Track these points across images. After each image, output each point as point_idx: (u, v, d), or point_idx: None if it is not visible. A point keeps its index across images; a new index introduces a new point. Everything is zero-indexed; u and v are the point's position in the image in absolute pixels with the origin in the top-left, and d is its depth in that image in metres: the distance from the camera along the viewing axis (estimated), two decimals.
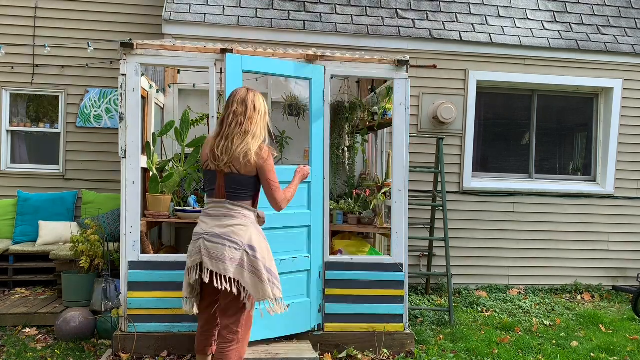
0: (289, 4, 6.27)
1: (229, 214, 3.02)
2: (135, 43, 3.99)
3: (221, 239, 2.96)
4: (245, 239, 2.99)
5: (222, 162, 2.99)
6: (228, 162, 2.99)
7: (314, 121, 4.21)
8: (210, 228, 2.99)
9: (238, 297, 3.00)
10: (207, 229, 3.00)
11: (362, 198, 5.45)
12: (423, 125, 6.39)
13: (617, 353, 4.47)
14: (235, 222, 3.00)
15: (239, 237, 2.97)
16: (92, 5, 6.70)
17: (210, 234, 2.98)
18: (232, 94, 3.09)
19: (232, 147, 2.97)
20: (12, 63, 6.56)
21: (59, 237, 6.02)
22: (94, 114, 6.69)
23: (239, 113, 2.99)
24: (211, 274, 2.94)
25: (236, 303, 3.02)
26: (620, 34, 6.77)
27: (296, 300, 4.16)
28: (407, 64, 4.32)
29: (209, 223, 3.02)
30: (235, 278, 2.95)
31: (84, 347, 4.28)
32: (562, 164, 7.02)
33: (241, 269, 2.97)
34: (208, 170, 3.08)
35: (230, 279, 2.94)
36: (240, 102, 3.02)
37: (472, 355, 4.34)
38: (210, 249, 2.96)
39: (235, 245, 2.96)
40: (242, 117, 2.99)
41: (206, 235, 2.99)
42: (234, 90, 3.12)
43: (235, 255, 2.95)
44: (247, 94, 3.05)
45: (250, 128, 3.00)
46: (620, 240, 6.74)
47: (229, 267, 2.93)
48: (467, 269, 6.46)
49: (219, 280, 2.93)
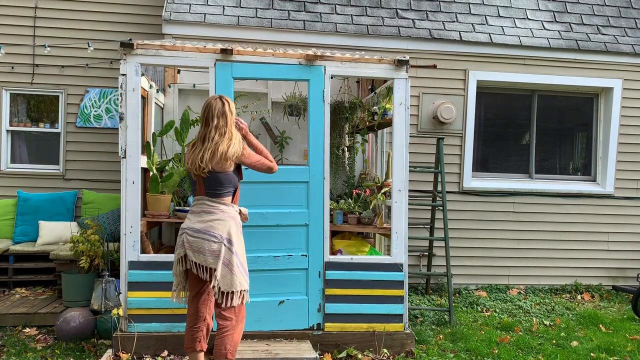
0: (289, 4, 6.27)
1: (208, 210, 3.29)
2: (135, 43, 3.99)
3: (201, 233, 3.23)
4: (224, 233, 3.25)
5: (206, 169, 3.26)
6: (207, 169, 3.26)
7: (314, 121, 4.22)
8: (192, 224, 3.28)
9: None
10: (189, 225, 3.28)
11: (362, 198, 5.45)
12: (423, 125, 6.39)
13: (617, 353, 4.47)
14: (214, 217, 3.27)
15: (217, 231, 3.24)
16: (92, 5, 6.70)
17: (192, 229, 3.26)
18: (209, 108, 3.31)
19: (217, 154, 3.25)
20: (12, 63, 6.56)
21: (59, 237, 6.02)
22: (94, 114, 6.70)
23: (221, 125, 3.27)
24: (194, 265, 3.25)
25: None
26: (620, 34, 6.77)
27: (292, 297, 4.18)
28: (407, 64, 4.32)
29: (192, 219, 3.30)
30: (213, 268, 3.22)
31: (84, 347, 4.28)
32: (562, 163, 7.02)
33: (217, 260, 3.21)
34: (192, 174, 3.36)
35: (209, 269, 3.22)
36: (220, 115, 3.28)
37: (472, 355, 4.34)
38: (192, 243, 3.24)
39: (213, 238, 3.23)
40: (224, 128, 3.28)
41: (188, 230, 3.27)
42: (210, 103, 3.32)
43: (214, 247, 3.22)
44: (224, 105, 3.31)
45: (233, 133, 3.32)
46: (620, 240, 6.74)
47: (208, 259, 3.22)
48: (467, 269, 6.46)
49: (201, 271, 3.24)
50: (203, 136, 3.31)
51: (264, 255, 4.14)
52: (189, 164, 3.34)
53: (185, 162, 3.39)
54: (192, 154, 3.33)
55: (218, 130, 3.27)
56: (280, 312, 4.17)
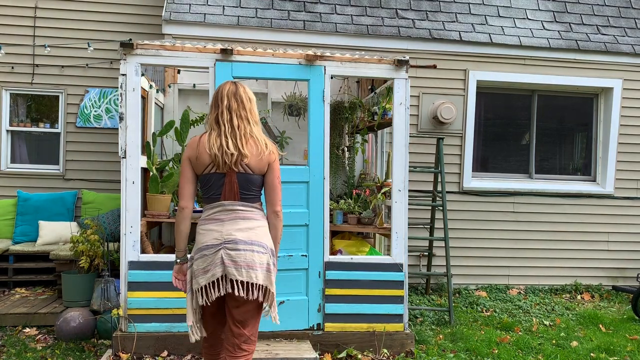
0: (289, 4, 6.27)
1: (246, 217, 2.71)
2: (135, 43, 3.99)
3: (248, 245, 2.65)
4: (268, 242, 2.75)
5: (234, 161, 2.68)
6: (240, 161, 2.69)
7: (314, 121, 4.22)
8: (227, 235, 2.65)
9: (260, 306, 2.76)
10: (225, 237, 2.65)
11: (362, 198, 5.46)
12: (423, 125, 6.39)
13: (617, 353, 4.47)
14: (256, 224, 2.73)
15: (263, 241, 2.71)
16: (92, 5, 6.71)
17: (232, 241, 2.64)
18: (219, 90, 2.79)
19: (245, 144, 2.70)
20: (12, 63, 6.56)
21: (59, 237, 6.02)
22: (94, 114, 6.70)
23: (235, 108, 2.73)
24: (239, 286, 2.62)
25: (258, 312, 2.77)
26: (620, 34, 6.77)
27: (292, 297, 4.19)
28: (407, 64, 4.33)
29: (223, 230, 2.67)
30: (264, 285, 2.68)
31: (84, 347, 4.29)
32: (562, 163, 7.02)
33: (269, 274, 2.71)
34: (212, 174, 2.71)
35: (259, 286, 2.66)
36: (232, 95, 2.75)
37: (472, 355, 4.34)
38: (237, 257, 2.62)
39: (262, 249, 2.69)
40: (243, 111, 2.74)
41: (228, 245, 2.63)
42: (220, 86, 2.82)
43: (263, 260, 2.68)
44: (237, 87, 2.79)
45: (257, 121, 2.80)
46: (620, 240, 6.74)
47: (259, 274, 2.65)
48: (467, 269, 6.46)
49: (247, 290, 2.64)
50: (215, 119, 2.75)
51: None
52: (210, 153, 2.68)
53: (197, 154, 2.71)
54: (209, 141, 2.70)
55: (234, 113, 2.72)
56: (280, 312, 4.15)
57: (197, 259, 2.70)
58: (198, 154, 2.71)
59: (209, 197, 2.75)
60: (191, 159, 2.74)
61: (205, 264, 2.66)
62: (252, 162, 2.71)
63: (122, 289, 4.03)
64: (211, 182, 2.73)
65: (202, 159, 2.71)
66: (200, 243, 2.70)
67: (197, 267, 2.69)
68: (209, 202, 2.76)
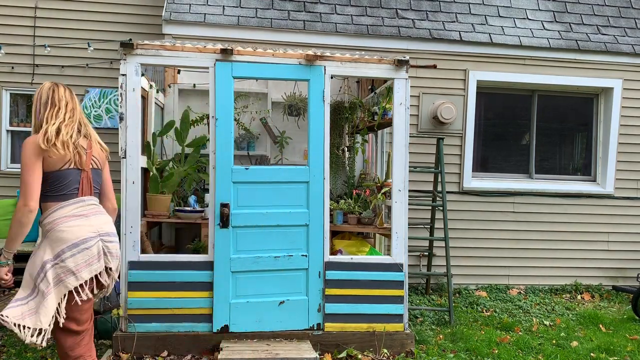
0: (289, 4, 6.27)
1: (101, 211, 2.89)
2: (135, 43, 3.99)
3: (114, 236, 2.88)
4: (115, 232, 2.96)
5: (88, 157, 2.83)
6: (91, 157, 2.86)
7: (314, 121, 4.21)
8: (99, 228, 2.79)
9: None
10: (98, 230, 2.79)
11: (362, 198, 5.46)
12: (423, 125, 6.39)
13: (617, 353, 4.47)
14: (107, 217, 2.92)
15: (114, 230, 2.93)
16: (92, 5, 6.71)
17: (106, 233, 2.83)
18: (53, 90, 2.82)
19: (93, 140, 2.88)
20: (12, 63, 6.57)
21: None
22: (94, 114, 6.70)
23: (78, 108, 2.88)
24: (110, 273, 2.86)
25: None
26: (620, 34, 6.77)
27: (292, 297, 4.18)
28: (407, 64, 4.32)
29: (94, 223, 2.78)
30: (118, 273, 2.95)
31: None
32: (562, 164, 7.02)
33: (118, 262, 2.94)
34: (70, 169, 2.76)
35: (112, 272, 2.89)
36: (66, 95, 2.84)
37: (472, 355, 4.34)
38: (112, 249, 2.85)
39: (116, 238, 2.92)
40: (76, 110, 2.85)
41: (104, 237, 2.81)
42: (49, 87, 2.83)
43: (119, 250, 2.95)
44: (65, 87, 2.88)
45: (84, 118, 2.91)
46: (620, 240, 6.74)
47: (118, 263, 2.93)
48: (467, 269, 6.46)
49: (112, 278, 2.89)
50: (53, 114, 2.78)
51: (264, 255, 4.14)
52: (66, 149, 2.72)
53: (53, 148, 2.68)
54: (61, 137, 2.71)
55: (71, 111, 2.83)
56: (280, 312, 4.17)
57: (73, 255, 2.70)
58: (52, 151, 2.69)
59: (65, 194, 2.76)
60: (44, 157, 2.69)
61: (87, 257, 2.73)
62: (100, 158, 2.92)
63: (122, 289, 4.03)
64: (68, 179, 2.76)
65: (58, 156, 2.71)
66: (72, 239, 2.70)
67: (76, 262, 2.71)
68: (65, 198, 2.76)
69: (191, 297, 4.04)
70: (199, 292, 4.05)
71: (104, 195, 3.01)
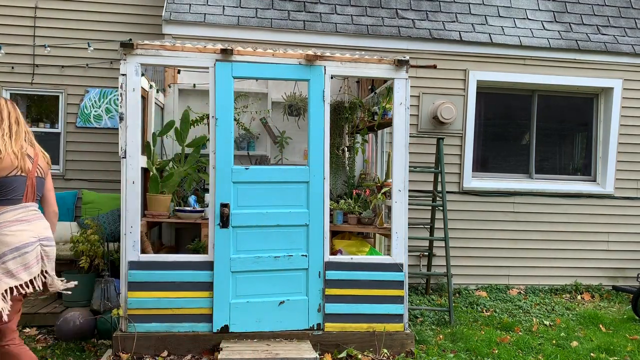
0: (289, 4, 6.27)
1: (41, 217, 3.08)
2: (135, 43, 3.99)
3: (52, 241, 3.07)
4: None
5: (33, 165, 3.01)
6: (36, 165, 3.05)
7: (314, 121, 4.21)
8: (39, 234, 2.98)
9: None
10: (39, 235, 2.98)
11: (362, 198, 5.46)
12: (423, 125, 6.39)
13: (617, 353, 4.47)
14: (46, 223, 3.09)
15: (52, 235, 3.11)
16: (92, 5, 6.70)
17: (46, 238, 3.02)
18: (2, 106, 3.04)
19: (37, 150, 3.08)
20: (12, 63, 6.56)
21: (59, 237, 6.00)
22: (94, 114, 6.70)
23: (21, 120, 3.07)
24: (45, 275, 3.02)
25: None
26: (620, 34, 6.77)
27: (292, 297, 4.19)
28: (407, 64, 4.32)
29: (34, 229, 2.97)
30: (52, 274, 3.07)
31: (84, 347, 4.29)
32: (562, 163, 7.02)
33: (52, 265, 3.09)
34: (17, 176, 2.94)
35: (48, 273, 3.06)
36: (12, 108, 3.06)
37: (472, 355, 4.34)
38: (50, 253, 3.04)
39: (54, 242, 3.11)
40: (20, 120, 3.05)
41: (44, 242, 3.01)
42: None
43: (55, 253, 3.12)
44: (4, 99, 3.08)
45: None
46: (620, 240, 6.74)
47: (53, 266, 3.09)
48: (467, 269, 6.46)
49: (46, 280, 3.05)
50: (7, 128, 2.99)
51: (264, 255, 4.14)
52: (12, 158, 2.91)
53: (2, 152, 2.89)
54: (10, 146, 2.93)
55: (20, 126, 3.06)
56: (280, 312, 4.17)
57: (14, 258, 2.87)
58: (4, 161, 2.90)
59: (10, 199, 2.94)
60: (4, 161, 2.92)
61: (27, 260, 2.91)
62: (43, 166, 3.11)
63: (122, 289, 4.03)
64: (15, 185, 2.94)
65: (8, 164, 2.90)
66: (15, 243, 2.88)
67: (15, 265, 2.87)
68: (10, 203, 2.93)
69: (191, 297, 4.05)
70: (199, 292, 4.05)
71: (45, 201, 3.20)
